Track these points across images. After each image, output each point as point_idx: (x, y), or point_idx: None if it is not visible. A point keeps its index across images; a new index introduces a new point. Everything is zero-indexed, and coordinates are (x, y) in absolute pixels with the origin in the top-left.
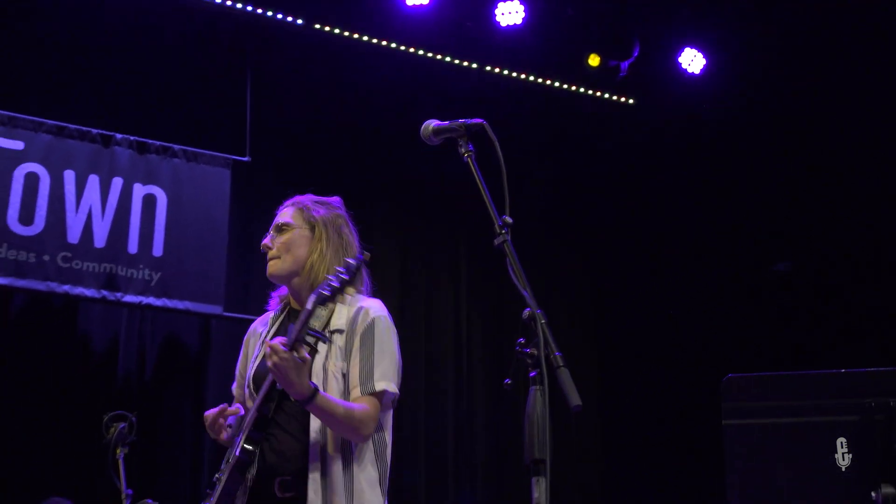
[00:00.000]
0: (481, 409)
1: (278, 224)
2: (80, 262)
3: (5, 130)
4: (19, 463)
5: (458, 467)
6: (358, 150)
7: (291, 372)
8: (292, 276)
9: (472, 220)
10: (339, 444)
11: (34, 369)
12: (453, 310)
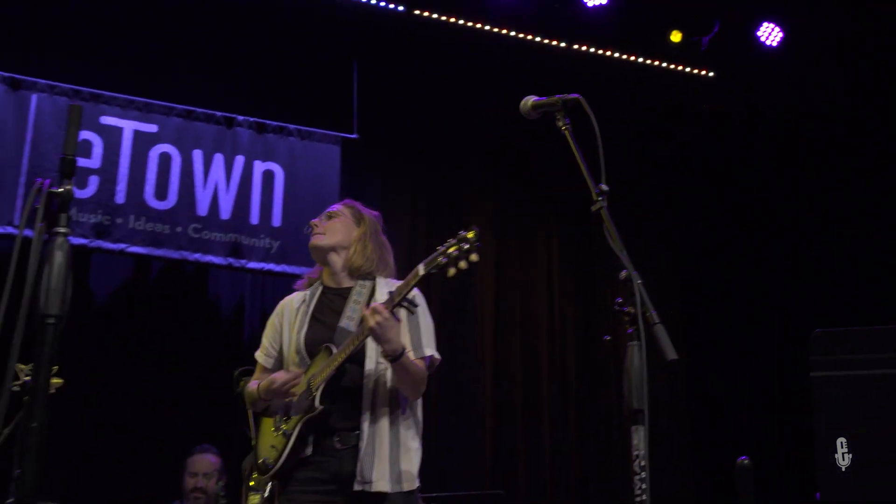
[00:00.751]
0: (572, 366)
1: (329, 212)
2: (208, 233)
3: (141, 115)
4: (165, 415)
5: (554, 419)
6: (456, 126)
7: (390, 330)
8: (330, 251)
9: (562, 188)
10: (388, 402)
11: (171, 329)
12: (546, 272)
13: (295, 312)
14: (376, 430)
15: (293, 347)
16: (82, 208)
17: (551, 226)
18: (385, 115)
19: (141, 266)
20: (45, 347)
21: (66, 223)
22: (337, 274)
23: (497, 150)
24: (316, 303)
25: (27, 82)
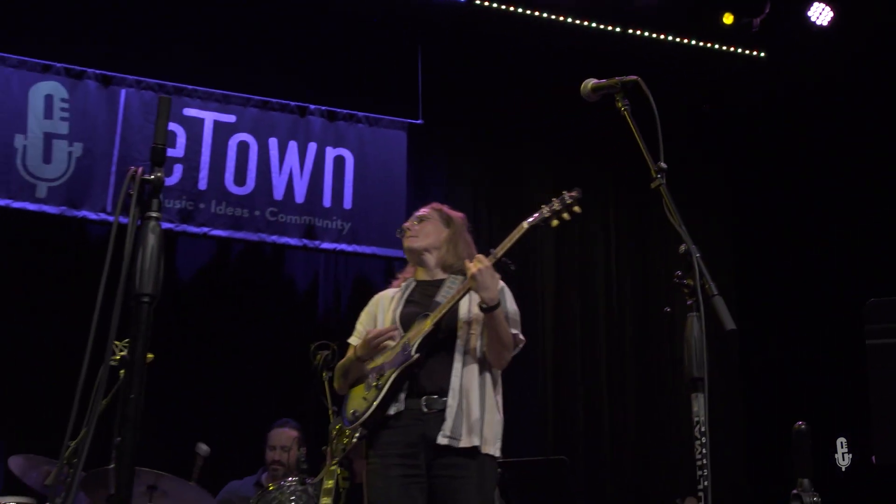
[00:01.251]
0: (630, 336)
1: (419, 216)
2: (284, 216)
3: (220, 107)
4: (246, 388)
5: (612, 387)
6: (516, 109)
7: (490, 279)
8: (424, 252)
9: (619, 166)
10: (477, 370)
11: (250, 307)
12: (603, 246)
13: (389, 301)
14: (465, 391)
15: (388, 321)
16: (168, 195)
17: (608, 201)
18: (448, 101)
19: (222, 248)
20: (140, 324)
21: (157, 208)
22: (430, 270)
23: (556, 131)
24: (410, 292)
25: (116, 78)
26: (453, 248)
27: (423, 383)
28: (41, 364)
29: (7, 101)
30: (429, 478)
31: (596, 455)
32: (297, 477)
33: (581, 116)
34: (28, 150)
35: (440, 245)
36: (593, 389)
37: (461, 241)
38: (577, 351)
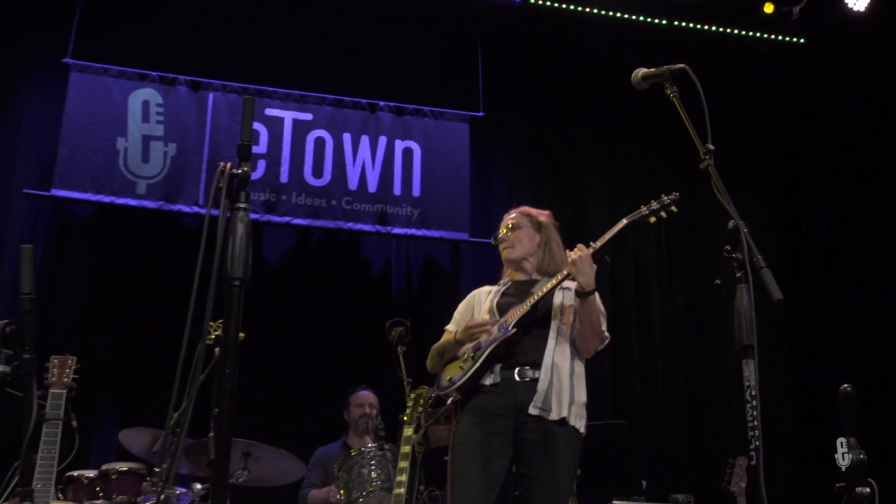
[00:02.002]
0: (682, 307)
1: (513, 223)
2: (358, 204)
3: (298, 106)
4: (326, 362)
5: (666, 357)
6: (571, 99)
7: (587, 266)
8: (521, 261)
9: (669, 149)
10: (567, 351)
11: (330, 289)
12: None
13: (487, 294)
14: (557, 369)
15: (485, 309)
16: (253, 188)
17: (659, 181)
18: (507, 94)
19: (303, 235)
20: (232, 306)
21: (245, 200)
22: (526, 272)
23: (610, 119)
24: (506, 288)
25: (204, 83)
26: (548, 252)
27: (517, 357)
28: (145, 344)
29: (109, 108)
30: (514, 441)
31: (652, 419)
32: (376, 443)
33: (632, 104)
34: (129, 151)
35: (535, 251)
36: (647, 358)
37: (553, 243)
38: (632, 321)
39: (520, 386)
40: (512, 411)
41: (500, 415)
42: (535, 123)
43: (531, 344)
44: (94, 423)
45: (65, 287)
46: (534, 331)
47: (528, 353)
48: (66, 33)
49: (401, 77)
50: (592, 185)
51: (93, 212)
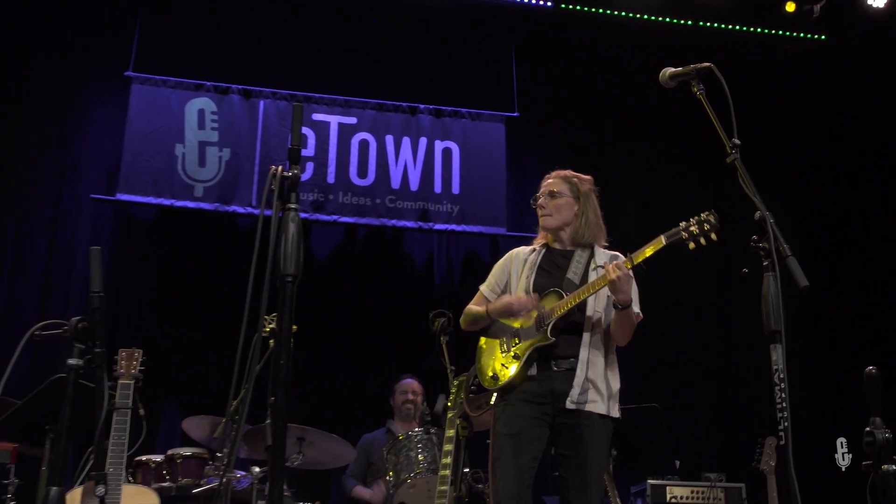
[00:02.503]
0: (712, 296)
1: (552, 191)
2: (401, 202)
3: (343, 110)
4: (372, 351)
5: (696, 342)
6: (600, 99)
7: (627, 283)
8: (559, 230)
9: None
10: (602, 343)
11: (375, 282)
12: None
13: (523, 262)
14: (592, 363)
15: (520, 288)
16: (302, 188)
17: (688, 174)
18: (540, 95)
19: (349, 233)
20: (285, 300)
21: (296, 200)
22: (562, 241)
23: (639, 115)
24: (542, 259)
25: (255, 91)
26: (585, 223)
27: (555, 351)
28: (205, 337)
29: (168, 117)
30: (552, 425)
31: (682, 402)
32: (422, 427)
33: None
34: (186, 156)
35: (572, 220)
36: (677, 343)
37: (591, 213)
38: (661, 309)
39: (557, 375)
40: (550, 399)
41: (538, 402)
42: (567, 121)
43: (567, 336)
44: (159, 412)
45: (130, 285)
46: (570, 324)
47: (564, 345)
48: (128, 49)
49: (439, 81)
50: (623, 179)
51: (154, 214)
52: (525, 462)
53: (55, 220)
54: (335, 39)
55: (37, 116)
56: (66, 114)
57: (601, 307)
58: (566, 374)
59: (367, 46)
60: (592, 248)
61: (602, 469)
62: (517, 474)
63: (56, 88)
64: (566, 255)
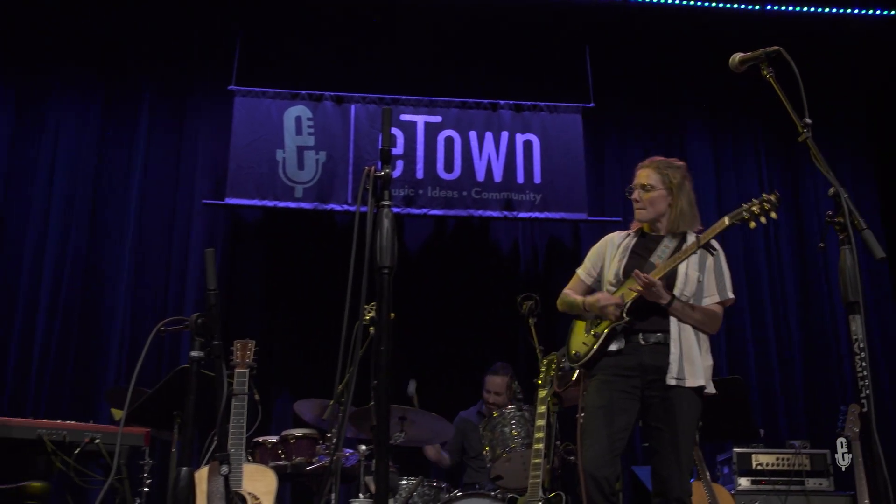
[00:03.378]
0: (789, 270)
1: (644, 184)
2: (486, 194)
3: (428, 110)
4: (467, 335)
5: (776, 313)
6: (673, 87)
7: (652, 295)
8: (653, 221)
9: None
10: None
11: (465, 270)
12: (758, 188)
13: (616, 247)
14: (684, 339)
15: (612, 272)
16: (393, 185)
17: (761, 155)
18: (615, 84)
19: (439, 225)
20: (382, 290)
21: (388, 198)
22: (657, 229)
23: (710, 98)
24: (634, 244)
25: (346, 97)
26: (679, 214)
27: (640, 325)
28: (311, 327)
29: (268, 125)
30: (641, 398)
31: (768, 374)
32: (515, 405)
33: (732, 86)
34: (286, 161)
35: (665, 211)
36: (759, 318)
37: (685, 203)
38: (741, 283)
39: (645, 349)
40: (638, 372)
41: (627, 376)
42: (641, 109)
43: (653, 311)
44: (272, 396)
45: (241, 281)
46: (653, 306)
47: (651, 319)
48: (229, 65)
49: (517, 78)
50: (697, 161)
51: (260, 215)
52: (614, 433)
53: (171, 225)
54: (418, 45)
55: (152, 131)
56: (178, 127)
57: (690, 290)
58: (654, 348)
59: (448, 49)
60: (685, 234)
61: (692, 441)
62: (606, 444)
63: (167, 105)
64: (656, 239)
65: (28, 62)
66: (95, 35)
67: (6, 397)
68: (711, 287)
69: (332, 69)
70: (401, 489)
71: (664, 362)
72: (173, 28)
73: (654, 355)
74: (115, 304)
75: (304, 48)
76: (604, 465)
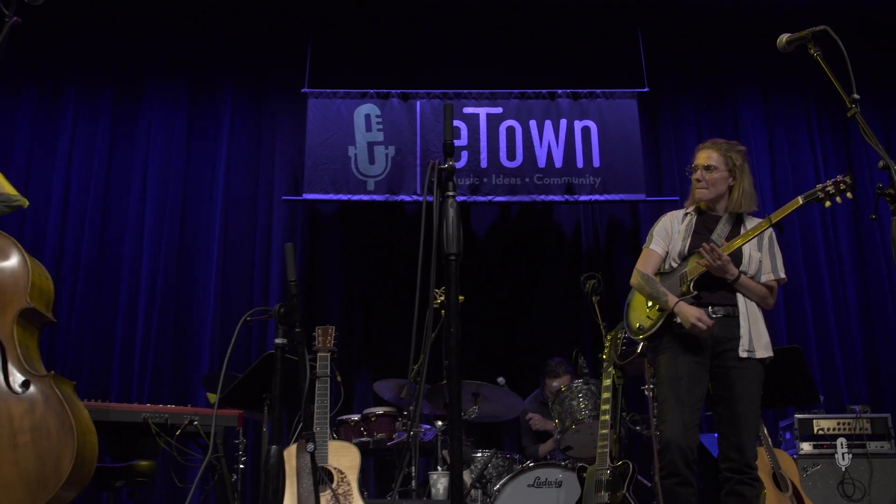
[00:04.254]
0: (845, 241)
1: (707, 164)
2: (548, 179)
3: (489, 102)
4: (533, 313)
5: (833, 282)
6: (725, 66)
7: (719, 271)
8: (713, 201)
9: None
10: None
11: (530, 252)
12: (813, 168)
13: (680, 222)
14: (751, 314)
15: (677, 250)
16: (459, 175)
17: (814, 132)
18: (668, 67)
19: (504, 210)
20: (450, 275)
21: (453, 188)
22: (716, 209)
23: (763, 77)
24: (696, 222)
25: (411, 94)
26: (739, 196)
27: (709, 298)
28: (385, 311)
29: (340, 124)
30: (711, 368)
31: (826, 343)
32: (581, 379)
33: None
34: (358, 156)
35: (725, 192)
36: (817, 288)
37: (746, 183)
38: (798, 256)
39: (714, 322)
40: (709, 344)
41: (699, 348)
42: (694, 91)
43: (719, 286)
44: (353, 378)
45: (320, 271)
46: (718, 281)
47: (718, 294)
48: (302, 70)
49: (573, 67)
50: (751, 141)
51: (335, 209)
52: (693, 403)
53: (254, 220)
54: (477, 40)
55: (233, 134)
56: (256, 130)
57: (753, 268)
58: (723, 321)
59: (506, 44)
60: (741, 214)
61: (758, 409)
62: (687, 414)
63: (246, 109)
64: (715, 218)
65: (121, 76)
66: (181, 47)
67: (114, 386)
68: (767, 266)
69: (396, 67)
70: (475, 461)
71: (733, 335)
72: (250, 38)
73: (724, 328)
74: (206, 297)
75: (370, 50)
76: (687, 434)
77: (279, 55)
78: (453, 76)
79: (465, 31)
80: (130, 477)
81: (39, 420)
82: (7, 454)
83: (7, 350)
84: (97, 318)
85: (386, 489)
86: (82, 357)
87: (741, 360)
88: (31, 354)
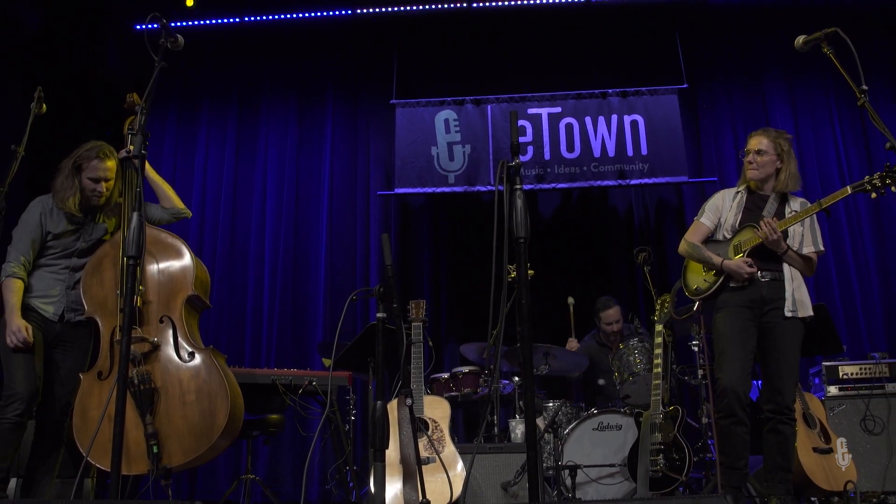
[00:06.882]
0: (863, 213)
1: (758, 149)
2: (603, 167)
3: (550, 103)
4: (593, 283)
5: (858, 264)
6: (756, 62)
7: (773, 245)
8: (762, 181)
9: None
10: (799, 262)
11: (589, 232)
12: (835, 152)
13: (732, 199)
14: (795, 278)
15: (729, 223)
16: (526, 167)
17: (835, 120)
18: (703, 66)
19: (565, 196)
20: (520, 255)
21: (520, 182)
22: (763, 189)
23: (790, 73)
24: (746, 199)
25: (483, 99)
26: (786, 177)
27: (758, 265)
28: (466, 285)
29: (423, 128)
30: (759, 324)
31: (849, 300)
32: (637, 337)
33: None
34: (439, 155)
35: (772, 174)
36: (840, 252)
37: (793, 166)
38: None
39: (764, 285)
40: (758, 304)
41: (750, 307)
42: (727, 85)
43: (768, 255)
44: (443, 342)
45: (411, 253)
46: (769, 252)
47: (767, 259)
48: (390, 84)
49: (622, 68)
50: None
51: (422, 201)
52: (747, 355)
53: (353, 214)
54: (537, 50)
55: (335, 140)
56: (353, 136)
57: (797, 242)
58: (770, 284)
59: (562, 52)
60: (786, 194)
61: (797, 360)
62: (743, 364)
63: (345, 119)
64: (763, 198)
65: (243, 99)
66: (289, 72)
67: (247, 355)
68: (808, 240)
69: (469, 76)
70: (547, 410)
71: (779, 296)
72: (346, 60)
73: (771, 290)
74: (318, 280)
75: (446, 64)
76: (742, 381)
77: (370, 73)
78: (518, 82)
79: (527, 43)
80: (264, 427)
81: (202, 383)
82: (178, 409)
83: (178, 328)
84: (231, 301)
85: (472, 435)
86: (220, 331)
87: (786, 318)
88: (195, 332)
